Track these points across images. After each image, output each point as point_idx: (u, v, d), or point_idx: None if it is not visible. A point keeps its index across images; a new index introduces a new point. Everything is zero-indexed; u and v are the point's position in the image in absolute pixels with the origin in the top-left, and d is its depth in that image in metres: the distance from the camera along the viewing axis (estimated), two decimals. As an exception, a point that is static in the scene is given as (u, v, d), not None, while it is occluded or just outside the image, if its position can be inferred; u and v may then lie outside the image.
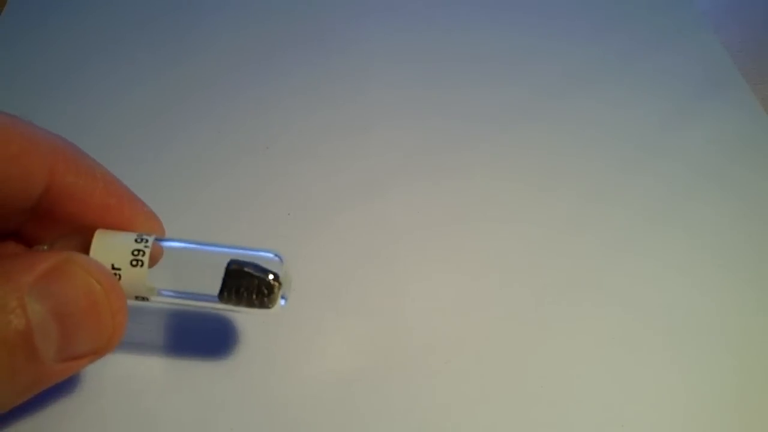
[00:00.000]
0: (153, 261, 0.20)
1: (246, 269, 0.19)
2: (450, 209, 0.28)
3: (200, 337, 0.23)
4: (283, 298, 0.20)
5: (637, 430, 0.22)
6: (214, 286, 0.19)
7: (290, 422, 0.22)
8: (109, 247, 0.18)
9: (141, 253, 0.18)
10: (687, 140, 0.31)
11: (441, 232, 0.27)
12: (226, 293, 0.19)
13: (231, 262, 0.19)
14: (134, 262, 0.18)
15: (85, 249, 0.18)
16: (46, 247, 0.19)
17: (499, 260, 0.26)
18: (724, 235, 0.28)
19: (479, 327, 0.24)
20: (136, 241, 0.19)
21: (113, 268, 0.18)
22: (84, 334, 0.17)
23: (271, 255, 0.20)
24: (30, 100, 0.31)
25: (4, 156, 0.17)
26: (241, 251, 0.20)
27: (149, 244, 0.19)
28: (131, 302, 0.18)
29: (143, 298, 0.19)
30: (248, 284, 0.19)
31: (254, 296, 0.19)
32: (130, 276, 0.18)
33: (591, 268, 0.26)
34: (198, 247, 0.20)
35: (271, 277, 0.19)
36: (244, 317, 0.24)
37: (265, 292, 0.19)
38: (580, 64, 0.34)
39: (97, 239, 0.18)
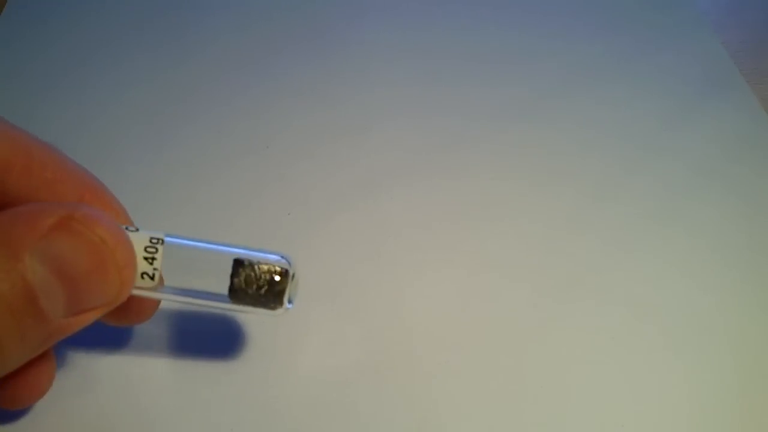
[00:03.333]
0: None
1: (254, 264, 0.19)
2: (450, 209, 0.28)
3: (200, 338, 0.23)
4: (290, 302, 0.20)
5: (636, 430, 0.22)
6: (220, 287, 0.19)
7: (290, 422, 0.22)
8: None
9: (154, 249, 0.18)
10: (687, 140, 0.31)
11: (441, 231, 0.27)
12: (235, 288, 0.19)
13: (238, 258, 0.19)
14: (150, 250, 0.18)
15: None
16: None
17: (498, 260, 0.26)
18: (723, 234, 0.28)
19: (478, 327, 0.24)
20: (151, 240, 0.18)
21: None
22: (91, 291, 0.17)
23: (278, 257, 0.20)
24: (30, 100, 0.31)
25: (39, 180, 0.17)
26: (247, 251, 0.19)
27: (162, 237, 0.18)
28: (139, 292, 0.18)
29: (151, 277, 0.18)
30: (257, 279, 0.19)
31: (263, 291, 0.19)
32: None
33: (591, 268, 0.26)
34: (204, 245, 0.19)
35: (278, 268, 0.19)
36: (244, 317, 0.24)
37: (274, 283, 0.19)
38: (580, 63, 0.34)
39: None
